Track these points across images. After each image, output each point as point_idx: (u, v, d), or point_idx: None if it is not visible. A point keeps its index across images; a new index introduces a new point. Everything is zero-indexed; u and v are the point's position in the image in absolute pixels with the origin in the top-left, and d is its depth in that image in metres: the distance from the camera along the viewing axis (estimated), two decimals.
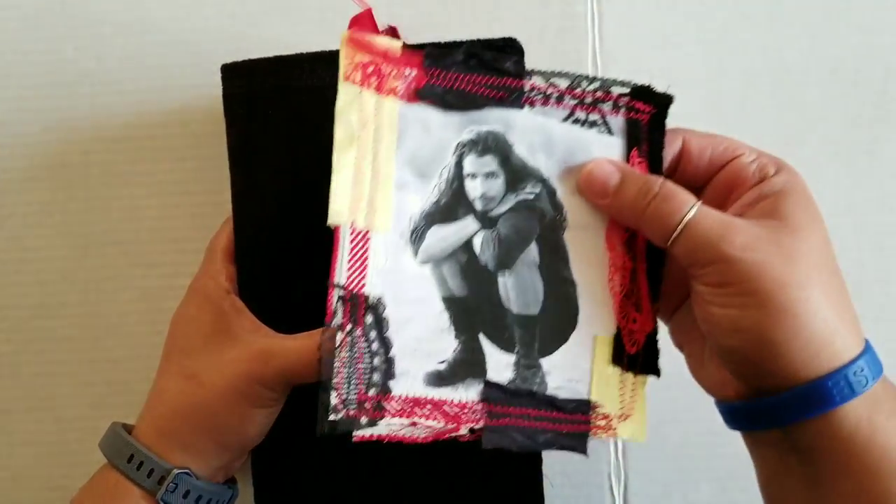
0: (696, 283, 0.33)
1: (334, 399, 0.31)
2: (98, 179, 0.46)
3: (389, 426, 0.32)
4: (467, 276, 0.34)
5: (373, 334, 0.32)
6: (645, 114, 0.35)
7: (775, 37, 0.46)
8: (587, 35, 0.45)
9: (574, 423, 0.34)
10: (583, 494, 0.40)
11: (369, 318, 0.32)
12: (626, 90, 0.35)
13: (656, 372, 0.36)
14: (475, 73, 0.33)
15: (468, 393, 0.33)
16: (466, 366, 0.34)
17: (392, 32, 0.38)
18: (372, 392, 0.32)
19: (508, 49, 0.35)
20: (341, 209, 0.32)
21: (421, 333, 0.33)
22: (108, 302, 0.46)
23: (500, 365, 0.34)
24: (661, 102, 0.35)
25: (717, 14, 0.46)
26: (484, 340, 0.34)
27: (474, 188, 0.34)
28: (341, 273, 0.32)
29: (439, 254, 0.34)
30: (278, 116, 0.38)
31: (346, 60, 0.32)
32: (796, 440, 0.32)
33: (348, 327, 0.32)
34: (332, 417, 0.31)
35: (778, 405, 0.32)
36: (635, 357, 0.35)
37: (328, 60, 0.35)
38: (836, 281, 0.32)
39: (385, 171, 0.33)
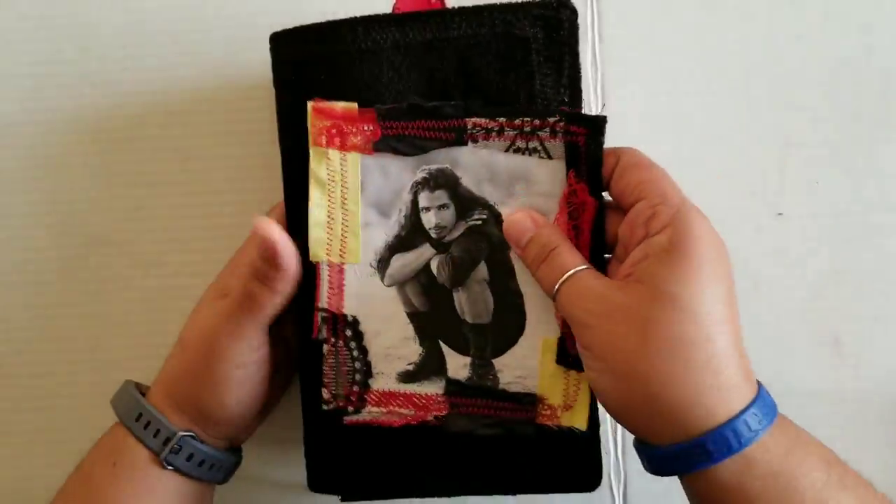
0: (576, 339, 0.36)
1: (325, 394, 0.40)
2: (99, 179, 0.46)
3: (370, 413, 0.40)
4: (427, 294, 0.40)
5: (352, 344, 0.40)
6: (580, 136, 0.37)
7: (775, 37, 0.46)
8: (587, 35, 0.45)
9: (522, 411, 0.40)
10: (583, 494, 0.40)
11: (348, 332, 0.40)
12: (560, 117, 0.37)
13: None
14: (421, 119, 0.38)
15: (432, 388, 0.40)
16: (430, 366, 0.40)
17: None
18: (355, 388, 0.40)
19: (561, 8, 0.37)
20: (319, 250, 0.39)
21: (391, 342, 0.40)
22: (108, 302, 0.46)
23: (458, 365, 0.40)
24: (595, 124, 0.37)
25: (717, 14, 0.46)
26: (443, 346, 0.40)
27: (429, 220, 0.39)
28: (323, 298, 0.39)
29: (402, 277, 0.40)
30: (330, 81, 0.38)
31: (313, 128, 0.38)
32: (691, 489, 0.34)
33: (332, 340, 0.40)
34: (324, 407, 0.40)
35: (656, 459, 0.34)
36: (578, 358, 0.37)
37: (382, 23, 0.38)
38: (707, 346, 0.31)
39: (353, 214, 0.39)
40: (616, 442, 0.46)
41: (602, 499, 0.46)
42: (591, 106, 0.45)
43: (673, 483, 0.35)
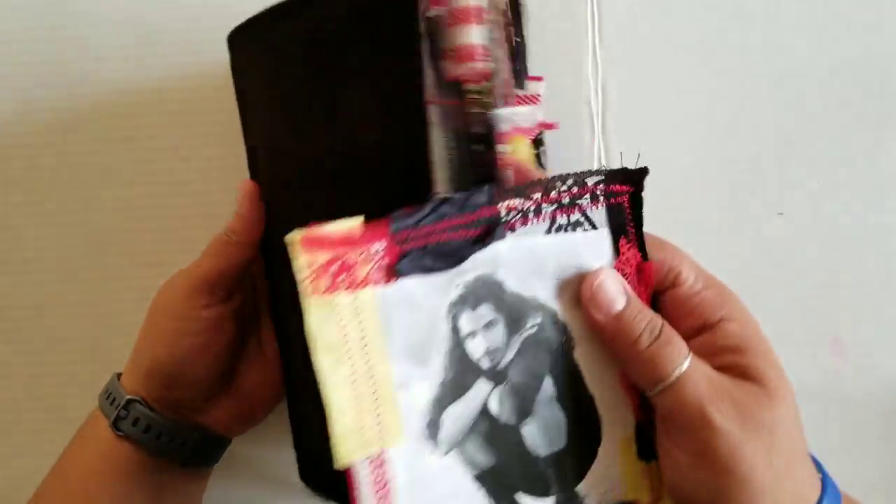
0: (671, 445, 0.31)
1: None
2: (98, 179, 0.46)
3: None
4: (492, 443, 0.31)
5: None
6: (624, 194, 0.33)
7: (775, 37, 0.46)
8: (587, 35, 0.45)
9: None
10: None
11: None
12: (602, 177, 0.32)
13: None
14: (448, 217, 0.29)
15: None
16: None
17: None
18: None
19: None
20: (353, 446, 0.27)
21: None
22: (108, 302, 0.46)
23: None
24: (638, 179, 0.33)
25: (717, 14, 0.46)
26: (522, 498, 0.32)
27: (476, 347, 0.31)
28: None
29: (460, 435, 0.30)
30: (254, 81, 0.37)
31: (306, 270, 0.27)
32: None
33: None
34: None
35: None
36: (653, 445, 0.33)
37: (282, 12, 0.34)
38: (800, 434, 0.31)
39: (383, 377, 0.28)
40: None
41: None
42: (590, 107, 0.45)
43: None
